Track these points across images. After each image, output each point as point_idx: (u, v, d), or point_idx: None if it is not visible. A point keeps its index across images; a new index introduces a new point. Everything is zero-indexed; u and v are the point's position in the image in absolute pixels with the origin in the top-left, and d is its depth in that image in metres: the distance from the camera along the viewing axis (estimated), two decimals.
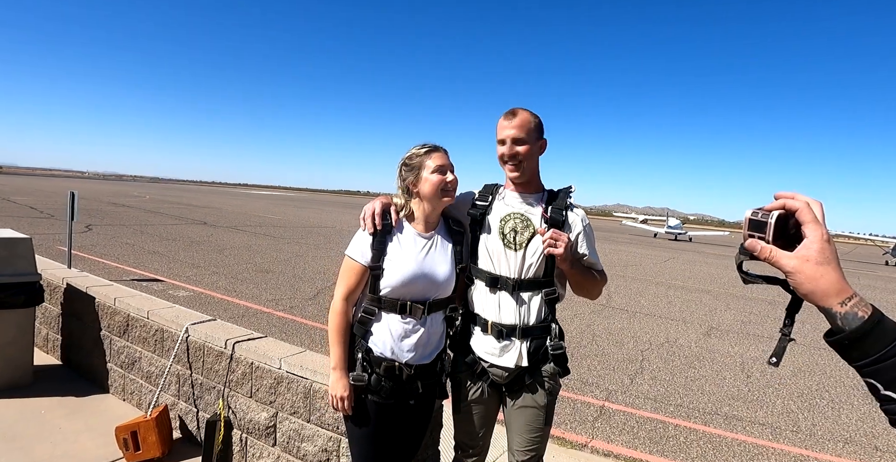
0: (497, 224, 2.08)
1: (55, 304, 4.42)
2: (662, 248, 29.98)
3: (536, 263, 2.02)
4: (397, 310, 1.97)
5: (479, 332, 2.09)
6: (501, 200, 2.13)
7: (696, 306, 11.04)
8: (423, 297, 2.01)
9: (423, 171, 1.98)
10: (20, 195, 31.21)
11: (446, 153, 2.04)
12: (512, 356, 2.02)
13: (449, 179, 1.98)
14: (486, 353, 2.07)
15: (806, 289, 0.78)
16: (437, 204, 2.01)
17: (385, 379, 1.99)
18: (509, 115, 2.03)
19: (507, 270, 2.03)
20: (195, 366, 3.21)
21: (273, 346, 3.00)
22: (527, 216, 2.07)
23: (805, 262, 0.77)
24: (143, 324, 3.57)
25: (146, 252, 12.29)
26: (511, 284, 2.02)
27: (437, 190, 1.97)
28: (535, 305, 2.03)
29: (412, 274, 1.96)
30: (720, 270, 19.38)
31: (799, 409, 5.43)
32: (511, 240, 2.04)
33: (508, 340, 2.02)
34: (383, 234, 1.98)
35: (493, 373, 2.07)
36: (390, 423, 2.05)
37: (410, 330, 1.99)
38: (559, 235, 1.88)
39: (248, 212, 32.37)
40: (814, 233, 0.78)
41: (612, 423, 4.65)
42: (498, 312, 2.04)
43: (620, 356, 6.77)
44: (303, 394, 2.70)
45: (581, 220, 2.10)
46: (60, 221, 16.42)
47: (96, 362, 3.98)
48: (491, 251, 2.07)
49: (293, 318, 7.34)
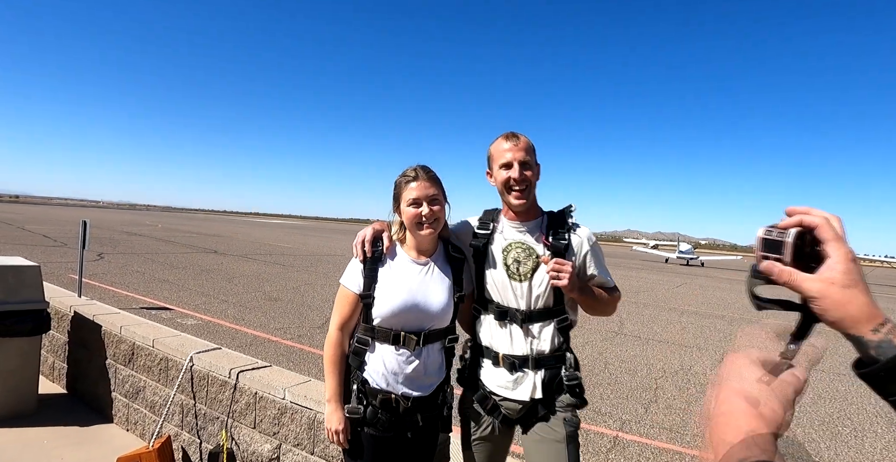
0: (500, 255, 2.00)
1: (62, 332, 4.41)
2: (674, 274, 29.66)
3: (545, 294, 1.94)
4: (390, 340, 1.91)
5: (489, 365, 2.01)
6: (500, 232, 2.06)
7: (710, 332, 10.82)
8: (417, 328, 1.93)
9: (402, 201, 1.93)
10: (35, 224, 31.64)
11: (430, 180, 1.93)
12: (526, 389, 1.94)
13: (424, 212, 1.88)
14: (497, 387, 1.98)
15: (834, 316, 0.69)
16: (417, 236, 1.96)
17: (381, 411, 1.92)
18: (512, 137, 1.96)
19: (516, 302, 1.96)
20: (199, 395, 3.17)
21: (277, 375, 2.95)
22: (528, 244, 1.99)
23: (830, 286, 0.68)
24: (148, 352, 3.54)
25: (156, 280, 12.33)
26: (521, 317, 1.94)
27: (412, 224, 1.91)
28: (547, 335, 1.95)
29: (403, 303, 1.89)
30: (734, 295, 19.07)
31: (821, 437, 5.24)
32: (515, 271, 1.96)
33: (521, 372, 1.94)
34: (374, 262, 1.93)
35: (506, 407, 1.99)
36: (388, 457, 1.97)
37: (404, 362, 1.92)
38: (562, 266, 1.80)
39: (259, 240, 32.54)
40: (837, 252, 0.70)
41: (627, 454, 4.50)
42: (509, 344, 1.96)
43: (634, 384, 6.61)
44: (307, 425, 2.64)
45: (587, 239, 2.02)
46: (73, 250, 16.57)
47: (101, 391, 3.94)
48: (497, 283, 1.99)
49: (301, 347, 7.27)
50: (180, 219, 75.63)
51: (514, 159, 1.93)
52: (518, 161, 1.93)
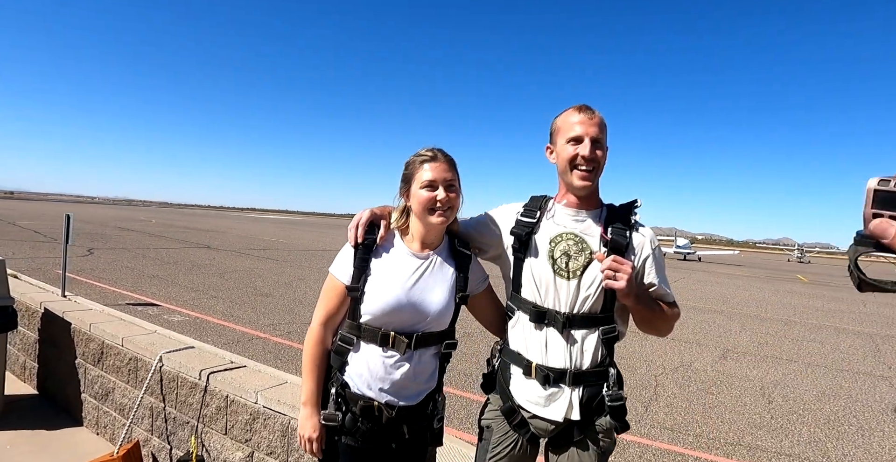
0: (546, 246, 1.72)
1: (32, 329, 4.19)
2: (671, 269, 29.55)
3: (594, 296, 1.67)
4: (378, 341, 1.67)
5: (520, 374, 1.75)
6: (551, 218, 1.77)
7: (709, 327, 10.65)
8: (409, 329, 1.69)
9: (414, 184, 1.69)
10: (26, 220, 31.29)
11: (449, 163, 1.71)
12: (560, 407, 1.68)
13: (440, 197, 1.66)
14: (528, 402, 1.72)
15: None
16: (427, 224, 1.71)
17: (362, 420, 1.69)
18: (585, 109, 1.69)
19: (557, 303, 1.69)
20: (168, 398, 2.95)
21: (250, 376, 2.73)
22: (581, 237, 1.71)
23: None
24: (116, 352, 3.32)
25: (145, 276, 12.08)
26: (561, 320, 1.67)
27: (423, 209, 1.67)
28: (589, 346, 1.69)
29: (396, 301, 1.65)
30: (732, 290, 18.98)
31: (827, 437, 5.06)
32: (563, 266, 1.69)
33: (556, 388, 1.68)
34: (367, 250, 1.69)
35: (536, 425, 1.74)
36: None
37: (392, 365, 1.68)
38: (620, 264, 1.55)
39: (253, 235, 32.27)
40: None
41: (627, 455, 4.31)
42: (544, 353, 1.70)
43: (633, 382, 6.42)
44: (280, 432, 2.42)
45: (650, 241, 1.75)
46: (62, 245, 16.31)
47: (70, 392, 3.72)
48: (538, 279, 1.72)
49: (290, 344, 7.05)
50: (176, 214, 75.30)
51: (585, 134, 1.65)
52: (591, 137, 1.65)
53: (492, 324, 1.92)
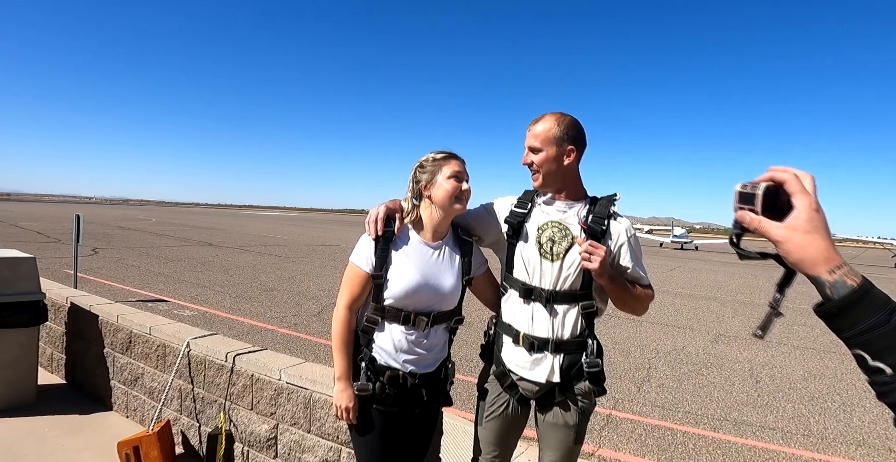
0: (534, 233, 1.98)
1: (59, 323, 4.44)
2: (668, 258, 29.83)
3: (573, 275, 1.92)
4: (401, 320, 1.94)
5: (510, 343, 2.02)
6: (539, 207, 2.04)
7: (703, 314, 10.95)
8: (427, 309, 1.97)
9: (439, 175, 1.93)
10: (28, 221, 31.48)
11: (464, 163, 1.99)
12: (543, 370, 1.94)
13: (464, 188, 1.93)
14: (516, 366, 1.99)
15: (795, 258, 0.77)
16: (448, 211, 1.95)
17: (389, 388, 1.95)
18: (532, 122, 1.96)
19: (542, 281, 1.95)
20: (196, 380, 3.22)
21: (273, 357, 3.00)
22: (565, 225, 1.96)
23: (793, 231, 0.77)
24: (145, 340, 3.58)
25: (151, 273, 12.34)
26: (545, 296, 1.93)
27: (450, 197, 1.91)
28: (570, 319, 1.94)
29: (416, 285, 1.91)
30: (727, 278, 19.24)
31: (810, 412, 5.36)
32: (548, 250, 1.95)
33: (541, 354, 1.94)
34: (386, 242, 1.93)
35: (523, 387, 2.00)
36: (396, 432, 2.02)
37: (413, 341, 1.95)
38: (595, 248, 1.79)
39: (254, 232, 32.49)
40: (801, 202, 0.78)
41: (620, 431, 4.60)
42: (531, 324, 1.96)
43: (627, 365, 6.71)
44: (303, 404, 2.69)
45: (625, 230, 1.99)
46: (67, 246, 16.53)
47: (100, 380, 3.98)
48: (527, 261, 1.98)
49: (297, 335, 7.33)
50: (174, 213, 75.36)
51: (525, 144, 1.96)
52: (527, 146, 1.95)
53: (488, 300, 2.19)
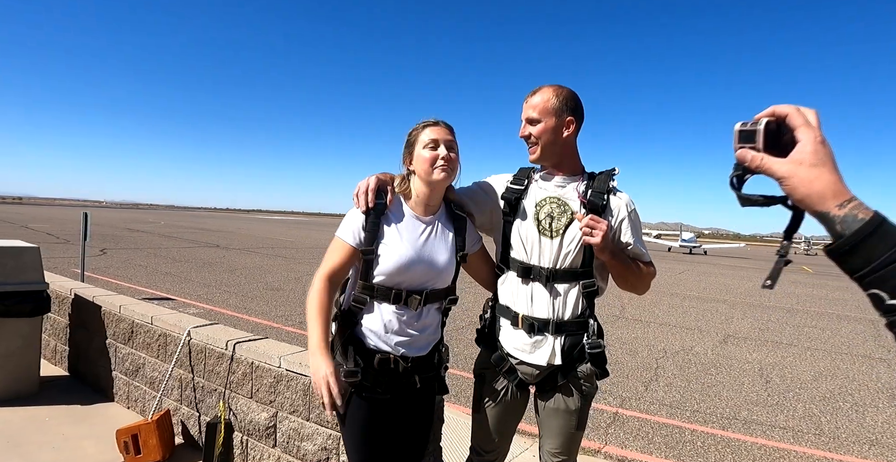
0: (532, 210, 1.91)
1: (63, 314, 4.43)
2: (677, 262, 29.62)
3: (574, 252, 1.84)
4: (391, 299, 1.81)
5: (508, 326, 1.94)
6: (536, 183, 1.96)
7: (711, 315, 10.83)
8: (419, 287, 1.85)
9: (417, 145, 1.82)
10: (38, 223, 31.74)
11: (448, 128, 1.85)
12: (544, 353, 1.86)
13: (441, 154, 1.78)
14: (515, 350, 1.91)
15: (801, 193, 0.72)
16: (430, 183, 1.82)
17: (380, 373, 1.83)
18: (530, 93, 1.89)
19: (542, 260, 1.87)
20: (197, 369, 3.19)
21: (273, 346, 2.96)
22: (563, 200, 1.89)
23: (798, 166, 0.72)
24: (147, 329, 3.56)
25: (158, 273, 12.38)
26: (545, 275, 1.85)
27: (428, 167, 1.79)
28: (571, 298, 1.86)
29: (409, 260, 1.80)
30: (736, 281, 19.08)
31: (821, 412, 5.26)
32: (547, 226, 1.87)
33: (541, 336, 1.86)
34: (377, 215, 1.80)
35: (523, 371, 1.92)
36: (388, 421, 1.88)
37: (405, 321, 1.83)
38: (597, 222, 1.73)
39: (261, 235, 32.60)
40: (806, 135, 0.73)
41: (626, 428, 4.52)
42: (530, 305, 1.87)
43: (634, 364, 6.63)
44: (302, 391, 2.65)
45: (626, 205, 1.91)
46: (75, 246, 16.61)
47: (101, 371, 3.96)
48: (525, 238, 1.90)
49: (302, 333, 7.29)
50: (183, 216, 75.81)
51: (523, 116, 1.89)
52: (524, 118, 1.88)
53: (484, 280, 2.10)
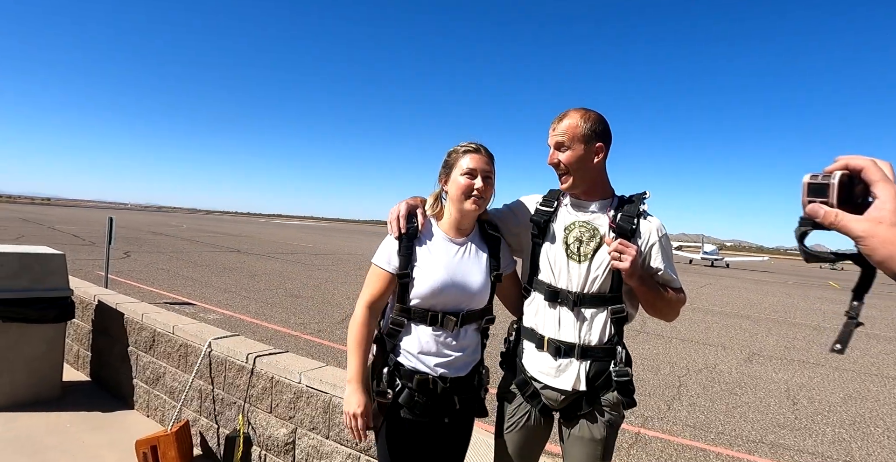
0: (561, 233, 1.88)
1: (86, 320, 4.48)
2: (699, 274, 29.17)
3: (602, 277, 1.81)
4: (427, 321, 1.82)
5: (533, 349, 1.90)
6: (565, 206, 1.94)
7: (735, 332, 10.59)
8: (455, 308, 1.85)
9: (455, 170, 1.83)
10: (65, 224, 32.46)
11: (489, 157, 1.86)
12: (569, 378, 1.81)
13: (477, 185, 1.79)
14: (539, 373, 1.87)
15: (881, 255, 0.66)
16: (461, 209, 1.84)
17: (418, 394, 1.81)
18: (556, 118, 1.86)
19: (569, 284, 1.84)
20: (217, 381, 3.18)
21: (293, 360, 2.95)
22: (593, 225, 1.86)
23: (878, 225, 0.66)
24: (168, 339, 3.57)
25: (180, 277, 12.53)
26: (572, 299, 1.82)
27: (460, 194, 1.81)
28: (598, 324, 1.83)
29: (442, 283, 1.80)
30: (760, 296, 18.68)
31: (851, 437, 5.07)
32: (575, 250, 1.84)
33: (566, 359, 1.82)
34: (410, 239, 1.83)
35: (547, 395, 1.87)
36: (425, 443, 1.86)
37: (442, 342, 1.83)
38: (625, 247, 1.69)
39: (281, 240, 32.91)
40: (885, 191, 0.67)
41: (649, 450, 4.41)
42: (557, 328, 1.84)
43: (656, 382, 6.49)
44: (322, 408, 2.62)
45: (656, 229, 1.86)
46: (100, 248, 16.94)
47: (123, 378, 3.99)
48: (553, 262, 1.88)
49: (320, 342, 7.30)
50: (205, 220, 76.93)
51: (549, 143, 1.86)
52: (553, 144, 1.85)
53: (512, 304, 2.07)
